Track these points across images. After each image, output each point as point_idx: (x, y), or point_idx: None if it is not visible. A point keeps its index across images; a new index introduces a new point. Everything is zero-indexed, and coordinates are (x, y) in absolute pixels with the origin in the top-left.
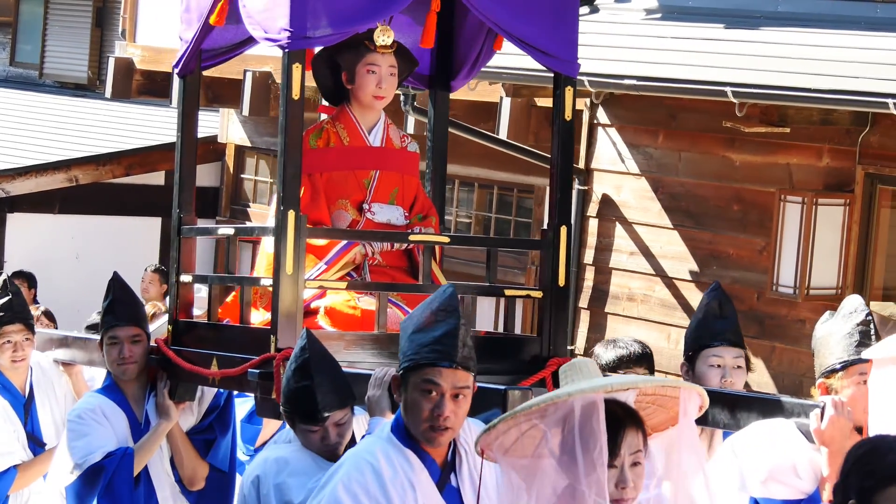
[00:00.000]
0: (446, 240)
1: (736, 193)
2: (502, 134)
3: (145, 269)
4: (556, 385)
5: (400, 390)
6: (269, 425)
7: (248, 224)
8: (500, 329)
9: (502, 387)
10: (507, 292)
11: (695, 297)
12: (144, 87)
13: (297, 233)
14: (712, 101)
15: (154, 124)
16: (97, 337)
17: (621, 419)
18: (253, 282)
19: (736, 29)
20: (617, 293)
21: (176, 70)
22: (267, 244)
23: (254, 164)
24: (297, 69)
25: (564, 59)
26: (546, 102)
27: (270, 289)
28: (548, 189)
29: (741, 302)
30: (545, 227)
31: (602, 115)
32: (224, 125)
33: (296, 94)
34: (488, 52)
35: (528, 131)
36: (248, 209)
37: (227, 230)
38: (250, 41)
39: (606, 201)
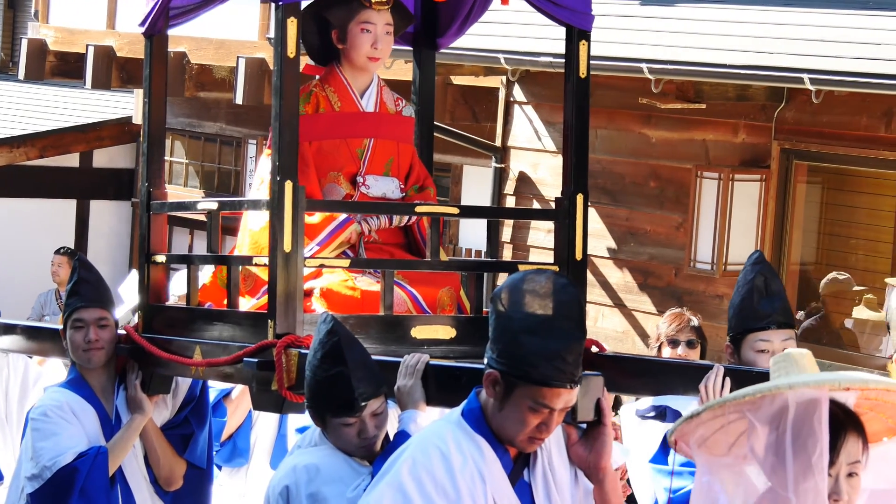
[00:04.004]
0: (455, 211)
1: (652, 170)
2: None
3: (55, 252)
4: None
5: (495, 388)
6: (234, 417)
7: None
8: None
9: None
10: (521, 268)
11: (613, 273)
12: (58, 68)
13: (296, 206)
14: (628, 77)
15: (68, 106)
16: (48, 325)
17: (842, 422)
18: (243, 261)
19: (651, 6)
20: None
21: (141, 30)
22: (251, 220)
23: (169, 145)
24: (292, 24)
25: (578, 10)
26: (462, 80)
27: (256, 271)
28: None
29: (659, 278)
30: (559, 194)
31: (518, 93)
32: (139, 106)
33: (291, 51)
34: (483, 4)
35: (444, 109)
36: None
37: (208, 205)
38: None
39: (523, 179)
